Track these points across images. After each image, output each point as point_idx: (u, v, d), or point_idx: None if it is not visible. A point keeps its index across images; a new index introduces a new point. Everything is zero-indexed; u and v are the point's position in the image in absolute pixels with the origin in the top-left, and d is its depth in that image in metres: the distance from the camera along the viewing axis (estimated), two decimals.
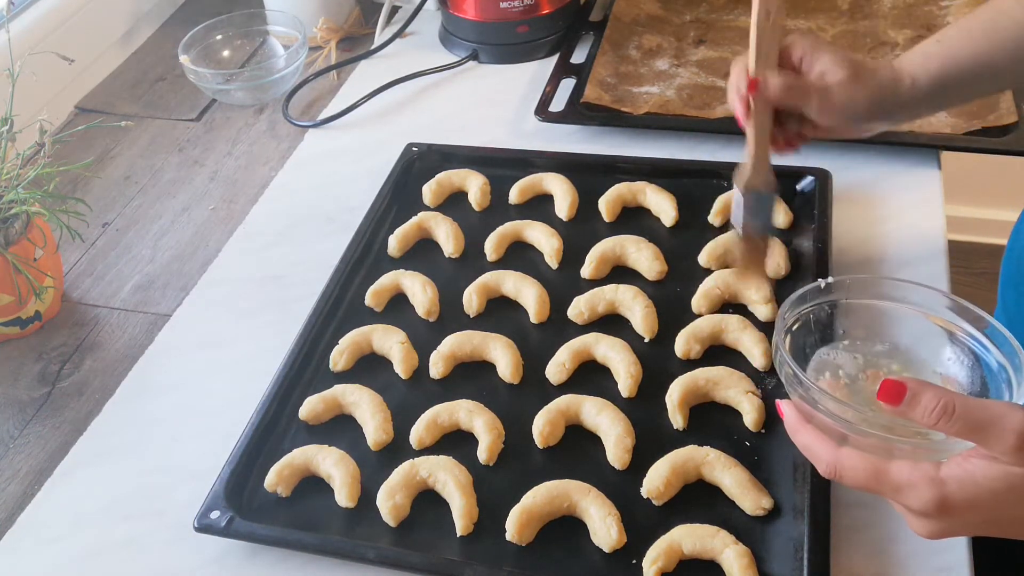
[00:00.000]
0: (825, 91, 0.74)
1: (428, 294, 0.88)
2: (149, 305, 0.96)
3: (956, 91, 0.77)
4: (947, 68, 0.75)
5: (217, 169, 1.14)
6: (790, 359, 0.59)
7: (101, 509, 0.77)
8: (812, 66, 0.75)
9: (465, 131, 1.12)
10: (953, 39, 0.75)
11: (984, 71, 0.75)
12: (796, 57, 0.76)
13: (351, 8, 1.37)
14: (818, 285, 0.66)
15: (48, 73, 1.06)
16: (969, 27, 0.75)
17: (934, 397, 0.52)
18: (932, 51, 0.76)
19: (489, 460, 0.75)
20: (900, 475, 0.54)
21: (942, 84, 0.75)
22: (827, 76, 0.74)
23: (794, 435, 0.60)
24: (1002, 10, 0.74)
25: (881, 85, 0.75)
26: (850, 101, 0.75)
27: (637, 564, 0.67)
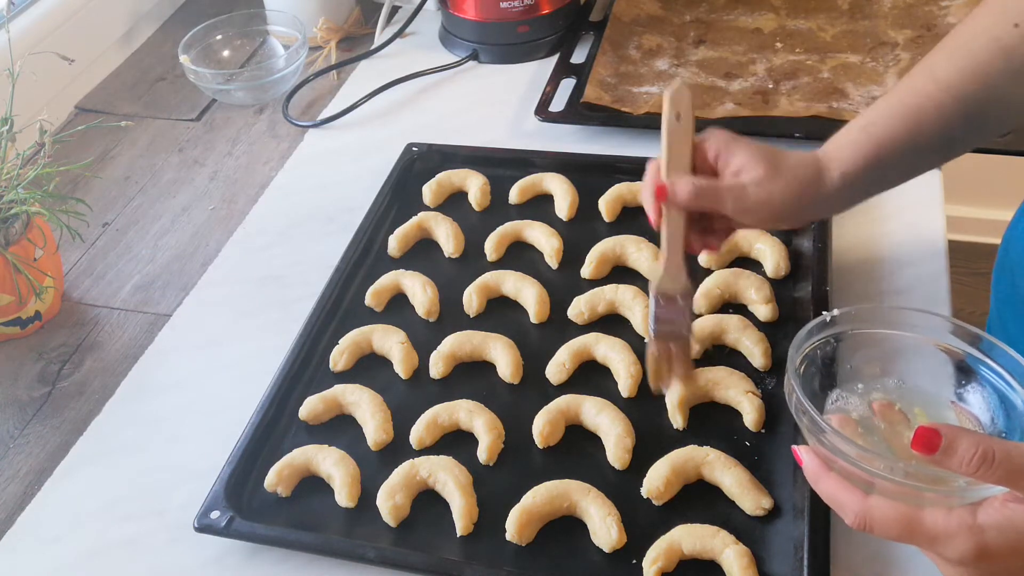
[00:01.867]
0: (739, 191, 0.70)
1: (428, 294, 0.88)
2: (149, 305, 0.96)
3: (890, 176, 0.74)
4: (876, 155, 0.70)
5: (217, 169, 1.14)
6: (809, 404, 0.56)
7: (101, 509, 0.77)
8: (727, 164, 0.71)
9: (465, 131, 1.12)
10: (879, 123, 0.71)
11: (917, 150, 0.71)
12: (712, 155, 0.72)
13: (351, 8, 1.37)
14: (823, 319, 0.63)
15: (48, 73, 1.06)
16: (892, 110, 0.71)
17: (972, 445, 0.50)
18: (858, 139, 0.71)
19: (489, 460, 0.75)
20: (935, 525, 0.51)
21: (875, 171, 0.71)
22: (742, 174, 0.70)
23: (816, 483, 0.57)
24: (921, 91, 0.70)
25: (801, 180, 0.70)
26: (767, 199, 0.70)
27: (637, 564, 0.67)
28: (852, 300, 0.86)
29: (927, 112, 0.69)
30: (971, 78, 0.68)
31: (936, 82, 0.69)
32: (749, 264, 0.89)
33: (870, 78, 1.10)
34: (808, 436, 0.58)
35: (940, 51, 0.71)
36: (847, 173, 0.70)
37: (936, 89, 0.69)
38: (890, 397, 0.63)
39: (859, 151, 0.70)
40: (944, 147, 0.73)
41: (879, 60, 1.13)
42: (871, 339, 0.65)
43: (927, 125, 0.69)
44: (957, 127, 0.70)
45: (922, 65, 0.71)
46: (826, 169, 0.71)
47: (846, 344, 0.64)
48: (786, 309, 0.84)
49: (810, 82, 1.11)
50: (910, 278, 0.88)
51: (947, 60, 0.69)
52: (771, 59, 1.16)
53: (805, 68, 1.13)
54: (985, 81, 0.68)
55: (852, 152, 0.70)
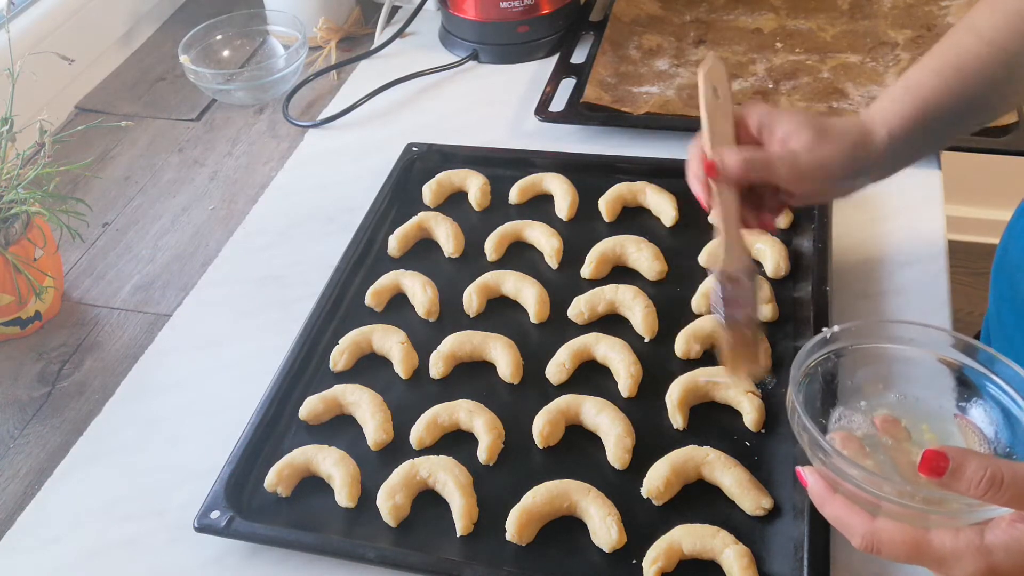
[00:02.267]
0: (791, 157, 0.69)
1: (428, 294, 0.88)
2: (149, 305, 0.96)
3: (935, 135, 0.73)
4: (922, 111, 0.70)
5: (217, 169, 1.14)
6: (812, 425, 0.56)
7: (101, 509, 0.77)
8: (773, 133, 0.70)
9: (465, 131, 1.12)
10: (922, 81, 0.70)
11: (962, 107, 0.71)
12: (754, 127, 0.71)
13: (351, 8, 1.37)
14: (823, 336, 0.63)
15: (48, 73, 1.06)
16: (935, 66, 0.70)
17: (979, 468, 0.49)
18: (902, 97, 0.70)
19: (489, 460, 0.75)
20: (943, 546, 0.51)
21: (921, 129, 0.70)
22: (790, 141, 0.69)
23: (822, 507, 0.56)
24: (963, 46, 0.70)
25: (854, 142, 0.70)
26: (820, 164, 0.69)
27: (637, 564, 0.67)
28: (852, 300, 0.86)
29: (970, 67, 0.69)
30: (1015, 31, 0.68)
31: (979, 37, 0.69)
32: None
33: (870, 78, 1.10)
34: (811, 457, 0.57)
35: (980, 9, 0.70)
36: (894, 132, 0.70)
37: (979, 44, 0.69)
38: (893, 413, 0.62)
39: (904, 109, 0.70)
40: (987, 104, 0.72)
41: (879, 60, 1.13)
42: (872, 354, 0.64)
43: (971, 81, 0.69)
44: (1001, 82, 0.70)
45: (963, 23, 0.71)
46: (872, 130, 0.70)
47: (847, 360, 0.64)
48: (786, 309, 0.84)
49: (810, 82, 1.11)
50: (910, 278, 0.88)
51: (989, 15, 0.69)
52: (771, 59, 1.16)
53: (805, 68, 1.13)
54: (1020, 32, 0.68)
55: (897, 110, 0.70)
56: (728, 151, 0.69)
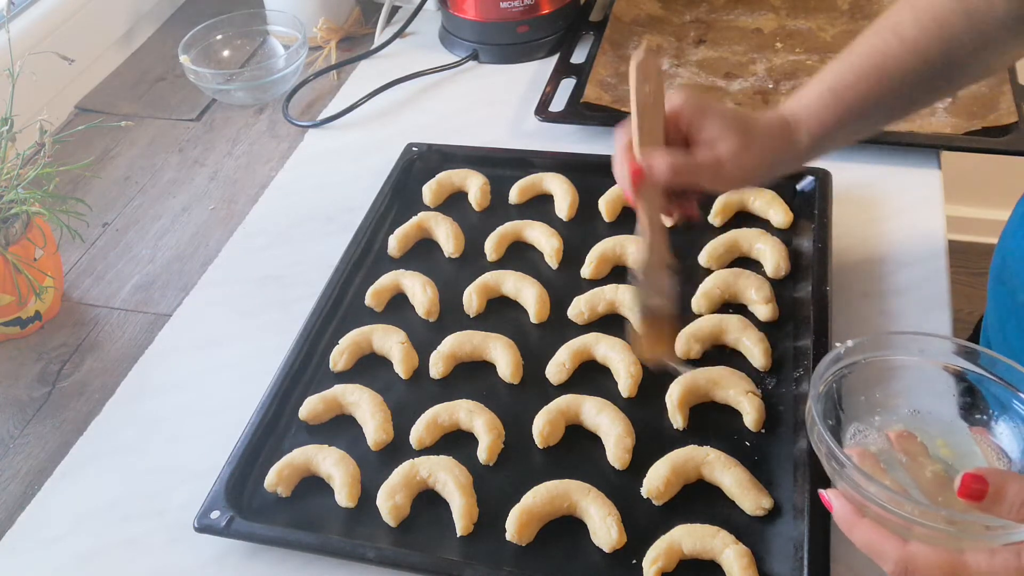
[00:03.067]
0: (716, 164, 0.70)
1: (428, 294, 0.88)
2: (149, 305, 0.96)
3: (853, 135, 0.76)
4: (845, 115, 0.72)
5: (217, 169, 1.14)
6: (836, 446, 0.54)
7: (101, 509, 0.77)
8: (700, 133, 0.71)
9: (465, 131, 1.12)
10: (847, 83, 0.72)
11: (882, 110, 0.74)
12: (684, 124, 0.72)
13: (351, 8, 1.37)
14: (838, 351, 0.62)
15: (48, 73, 1.06)
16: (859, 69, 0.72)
17: (1021, 490, 0.49)
18: (826, 100, 0.72)
19: (489, 460, 0.75)
20: (979, 568, 0.50)
21: (842, 131, 0.73)
22: (717, 145, 0.70)
23: (850, 531, 0.55)
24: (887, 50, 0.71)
25: (774, 147, 0.72)
26: (744, 169, 0.71)
27: (637, 564, 0.67)
28: (852, 300, 0.86)
29: (891, 71, 0.71)
30: (935, 37, 0.70)
31: (901, 41, 0.70)
32: (749, 264, 0.89)
33: None
34: (834, 478, 0.56)
35: (903, 10, 0.72)
36: (815, 134, 0.72)
37: (900, 47, 0.70)
38: (907, 427, 0.61)
39: (827, 112, 0.72)
40: (905, 105, 0.75)
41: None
42: (884, 368, 0.63)
43: (893, 85, 0.71)
44: (919, 85, 0.72)
45: (885, 23, 0.72)
46: (796, 131, 0.72)
47: (859, 375, 0.63)
48: (786, 309, 0.84)
49: None
50: (910, 278, 0.88)
51: (912, 19, 0.71)
52: (771, 59, 1.16)
53: (805, 68, 1.13)
54: (949, 40, 0.70)
55: (820, 113, 0.72)
56: (655, 156, 0.70)
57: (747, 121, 0.71)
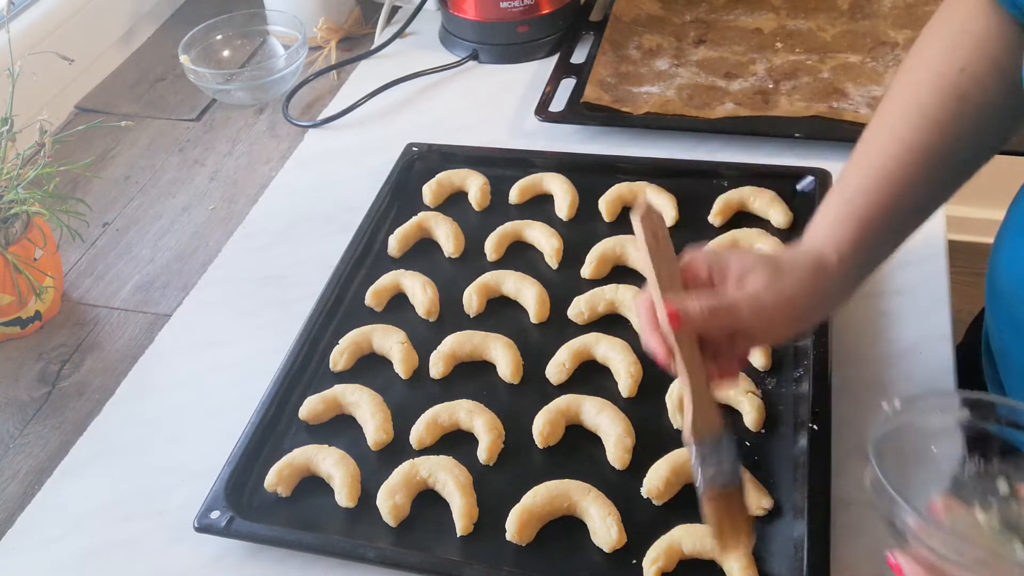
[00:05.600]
0: (754, 297, 0.62)
1: (428, 294, 0.88)
2: (149, 305, 0.96)
3: (882, 250, 0.69)
4: (865, 229, 0.66)
5: (217, 169, 1.14)
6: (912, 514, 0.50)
7: (101, 509, 0.77)
8: (726, 276, 0.64)
9: (465, 131, 1.12)
10: (859, 192, 0.67)
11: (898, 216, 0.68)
12: (704, 273, 0.64)
13: (351, 8, 1.37)
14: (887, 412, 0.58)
15: (48, 73, 1.06)
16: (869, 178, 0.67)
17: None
18: (844, 215, 0.67)
19: (489, 460, 0.75)
20: None
21: (868, 247, 0.67)
22: (747, 282, 0.63)
23: None
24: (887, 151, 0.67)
25: (807, 271, 0.64)
26: (785, 299, 0.63)
27: (637, 564, 0.67)
28: (852, 300, 0.85)
29: (894, 173, 0.67)
30: (931, 131, 0.67)
31: (901, 142, 0.67)
32: None
33: (870, 78, 1.10)
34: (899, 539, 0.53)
35: (892, 112, 0.69)
36: (844, 252, 0.66)
37: (899, 147, 0.67)
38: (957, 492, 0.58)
39: (845, 225, 0.66)
40: (925, 201, 0.70)
41: (879, 60, 1.13)
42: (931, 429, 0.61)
43: (899, 186, 0.67)
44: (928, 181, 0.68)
45: (879, 123, 0.69)
46: (824, 255, 0.66)
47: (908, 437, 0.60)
48: None
49: (810, 82, 1.11)
50: (910, 278, 0.88)
51: (903, 120, 0.68)
52: (771, 59, 1.16)
53: (805, 68, 1.13)
54: (944, 131, 0.67)
55: (841, 229, 0.66)
56: (689, 298, 0.61)
57: (770, 256, 0.65)
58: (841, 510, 0.69)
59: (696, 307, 0.61)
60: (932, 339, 0.82)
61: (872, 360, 0.81)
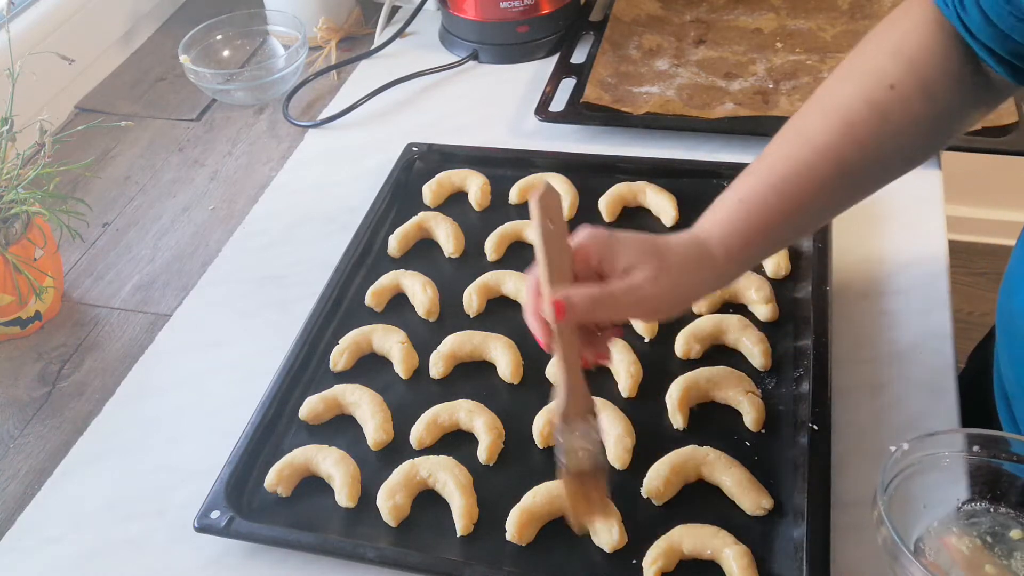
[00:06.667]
0: (635, 291, 0.64)
1: (428, 294, 0.88)
2: (149, 305, 0.96)
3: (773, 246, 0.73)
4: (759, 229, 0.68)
5: (217, 169, 1.14)
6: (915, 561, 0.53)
7: (101, 509, 0.77)
8: (614, 265, 0.65)
9: (465, 131, 1.12)
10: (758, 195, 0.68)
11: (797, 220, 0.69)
12: (594, 261, 0.65)
13: (351, 8, 1.37)
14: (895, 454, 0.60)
15: (48, 73, 1.06)
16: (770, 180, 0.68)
17: None
18: (738, 215, 0.68)
19: (489, 460, 0.75)
20: None
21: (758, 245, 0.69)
22: (633, 273, 0.65)
23: None
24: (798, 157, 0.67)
25: (691, 267, 0.67)
26: (663, 293, 0.65)
27: (637, 564, 0.67)
28: (852, 300, 0.86)
29: (803, 178, 0.67)
30: (848, 141, 0.67)
31: (813, 147, 0.67)
32: None
33: None
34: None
35: (812, 115, 0.69)
36: (732, 250, 0.68)
37: (812, 154, 0.67)
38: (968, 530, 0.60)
39: (738, 226, 0.68)
40: (823, 211, 0.72)
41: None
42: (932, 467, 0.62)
43: (804, 191, 0.67)
44: (834, 190, 0.69)
45: (794, 129, 0.69)
46: (709, 248, 0.68)
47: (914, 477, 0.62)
48: (786, 309, 0.84)
49: (810, 82, 1.11)
50: (910, 278, 0.88)
51: (823, 125, 0.67)
52: (771, 59, 1.16)
53: (805, 68, 1.13)
54: (862, 144, 0.67)
55: (731, 228, 0.68)
56: (574, 291, 0.63)
57: (658, 245, 0.67)
58: (841, 510, 0.69)
59: (579, 300, 0.63)
60: (932, 339, 0.82)
61: (872, 360, 0.81)
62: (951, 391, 0.78)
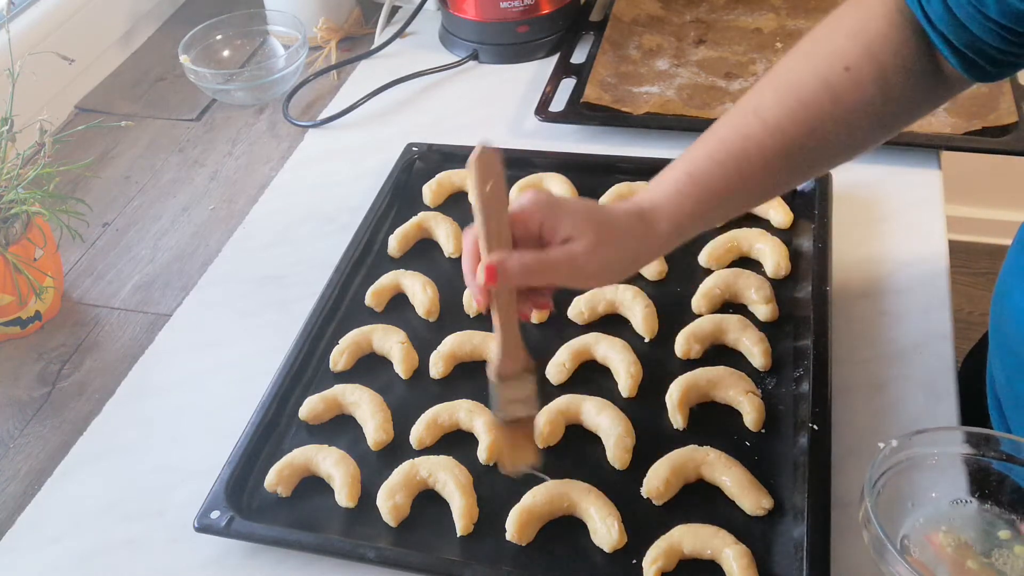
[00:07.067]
0: (572, 262, 0.64)
1: (428, 294, 0.88)
2: (149, 305, 0.96)
3: (712, 221, 0.73)
4: (706, 204, 0.68)
5: (217, 169, 1.14)
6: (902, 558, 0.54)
7: (101, 509, 0.77)
8: (554, 232, 0.65)
9: (465, 131, 1.12)
10: (707, 172, 0.68)
11: (743, 196, 0.71)
12: (535, 224, 0.65)
13: (351, 8, 1.37)
14: (884, 452, 0.61)
15: (48, 73, 1.06)
16: (720, 156, 0.68)
17: None
18: (688, 189, 0.68)
19: (489, 460, 0.75)
20: None
21: (703, 219, 0.69)
22: (573, 243, 0.64)
23: None
24: (749, 135, 0.67)
25: (633, 239, 0.67)
26: (601, 264, 0.66)
27: (637, 564, 0.67)
28: (852, 300, 0.86)
29: (751, 155, 0.67)
30: (799, 121, 0.67)
31: (763, 124, 0.67)
32: (749, 264, 0.89)
33: None
34: None
35: (766, 91, 0.69)
36: (676, 222, 0.68)
37: (762, 131, 0.67)
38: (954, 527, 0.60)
39: (685, 200, 0.68)
40: (766, 189, 0.72)
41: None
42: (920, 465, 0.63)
43: (751, 168, 0.68)
44: (780, 169, 0.69)
45: (747, 105, 0.69)
46: (654, 221, 0.68)
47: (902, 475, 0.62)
48: (786, 309, 0.84)
49: None
50: (910, 278, 0.88)
51: (775, 102, 0.67)
52: (771, 59, 1.16)
53: None
54: (811, 124, 0.67)
55: (678, 202, 0.68)
56: (508, 256, 0.63)
57: (602, 215, 0.67)
58: (841, 510, 0.69)
59: (513, 265, 0.63)
60: (932, 339, 0.82)
61: (872, 360, 0.81)
62: (951, 391, 0.78)
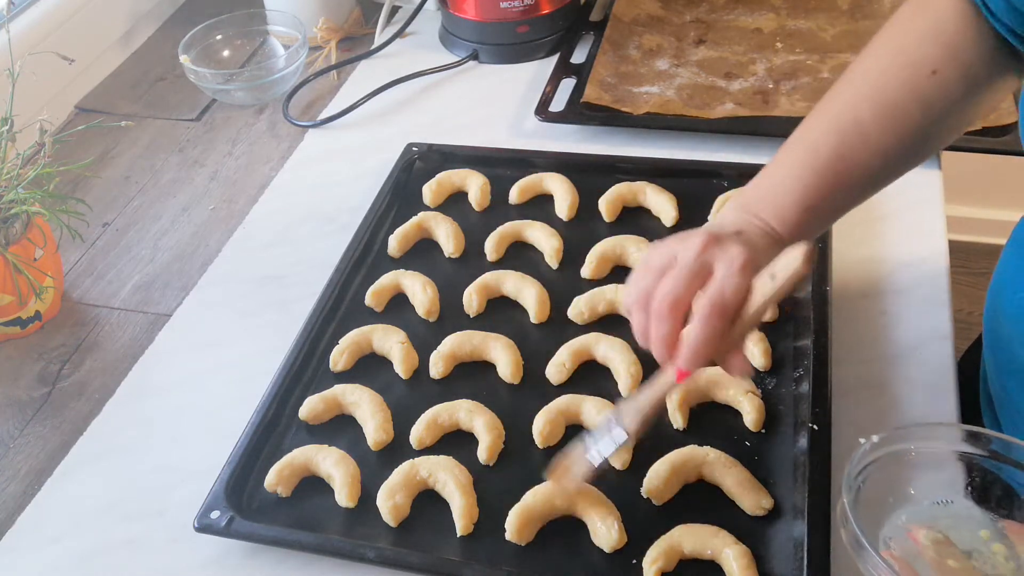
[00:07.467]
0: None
1: (428, 294, 0.88)
2: (149, 305, 0.96)
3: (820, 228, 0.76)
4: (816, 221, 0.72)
5: (217, 169, 1.14)
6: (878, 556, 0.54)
7: (101, 509, 0.77)
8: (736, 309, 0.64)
9: (465, 131, 1.12)
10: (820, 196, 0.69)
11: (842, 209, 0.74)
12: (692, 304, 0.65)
13: (351, 8, 1.37)
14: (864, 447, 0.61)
15: (48, 73, 1.06)
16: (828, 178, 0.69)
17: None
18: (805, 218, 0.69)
19: (489, 460, 0.75)
20: None
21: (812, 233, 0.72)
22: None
23: None
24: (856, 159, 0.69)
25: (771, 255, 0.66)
26: None
27: (637, 564, 0.67)
28: (852, 300, 0.86)
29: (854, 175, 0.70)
30: (894, 132, 0.68)
31: (865, 142, 0.68)
32: None
33: None
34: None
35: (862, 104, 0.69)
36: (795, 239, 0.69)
37: (864, 150, 0.68)
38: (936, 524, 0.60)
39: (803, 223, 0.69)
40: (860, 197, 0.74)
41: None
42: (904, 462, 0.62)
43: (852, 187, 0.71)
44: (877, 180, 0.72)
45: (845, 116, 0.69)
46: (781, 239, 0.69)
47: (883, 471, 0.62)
48: (786, 309, 0.84)
49: (810, 82, 1.11)
50: (910, 278, 0.88)
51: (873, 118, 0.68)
52: (771, 59, 1.16)
53: (805, 68, 1.13)
54: (905, 135, 0.68)
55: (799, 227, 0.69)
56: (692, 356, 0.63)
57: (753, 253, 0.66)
58: None
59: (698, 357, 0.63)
60: (932, 339, 0.82)
61: (872, 360, 0.81)
62: (951, 391, 0.78)
